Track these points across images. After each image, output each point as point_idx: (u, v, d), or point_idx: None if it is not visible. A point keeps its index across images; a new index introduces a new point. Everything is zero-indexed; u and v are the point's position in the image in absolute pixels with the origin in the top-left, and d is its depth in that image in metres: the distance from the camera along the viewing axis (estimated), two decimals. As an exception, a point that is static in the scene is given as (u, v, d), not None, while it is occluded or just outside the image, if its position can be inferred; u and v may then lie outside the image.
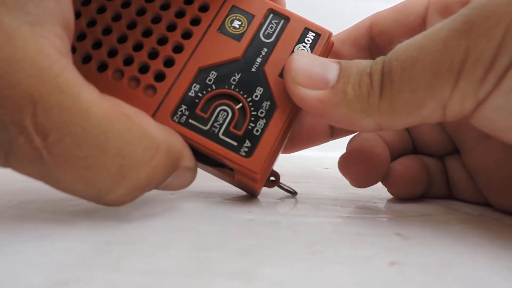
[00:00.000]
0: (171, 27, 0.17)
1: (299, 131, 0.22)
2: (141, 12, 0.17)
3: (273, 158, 0.16)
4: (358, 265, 0.11)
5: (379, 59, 0.15)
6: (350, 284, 0.10)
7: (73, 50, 0.16)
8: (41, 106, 0.11)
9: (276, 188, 0.19)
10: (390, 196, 0.22)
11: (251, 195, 0.19)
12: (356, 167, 0.21)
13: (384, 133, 0.21)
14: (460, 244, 0.13)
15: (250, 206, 0.17)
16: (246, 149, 0.15)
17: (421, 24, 0.20)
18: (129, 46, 0.16)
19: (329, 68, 0.15)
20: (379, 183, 0.22)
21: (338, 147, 0.22)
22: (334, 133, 0.23)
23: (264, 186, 0.18)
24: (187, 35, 0.17)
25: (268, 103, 0.16)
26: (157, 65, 0.16)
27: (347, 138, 0.22)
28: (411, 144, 0.22)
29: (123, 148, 0.12)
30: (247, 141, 0.16)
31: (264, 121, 0.16)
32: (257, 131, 0.16)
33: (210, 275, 0.10)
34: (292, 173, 0.29)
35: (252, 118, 0.16)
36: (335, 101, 0.15)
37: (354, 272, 0.11)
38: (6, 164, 0.12)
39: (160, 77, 0.16)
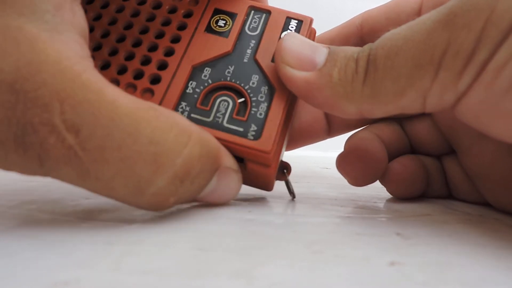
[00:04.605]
0: (160, 35, 0.18)
1: (297, 128, 0.22)
2: (128, 26, 0.18)
3: (281, 139, 0.17)
4: (358, 265, 0.11)
5: (367, 46, 0.15)
6: (350, 284, 0.10)
7: None
8: (68, 103, 0.12)
9: (276, 188, 0.19)
10: (390, 196, 0.22)
11: (264, 190, 0.19)
12: (353, 165, 0.21)
13: (381, 133, 0.21)
14: (460, 244, 0.13)
15: (250, 206, 0.17)
16: (253, 132, 0.16)
17: None
18: (121, 58, 0.17)
19: (319, 51, 0.16)
20: (379, 183, 0.22)
21: (338, 147, 0.22)
22: (331, 130, 0.23)
23: (276, 179, 0.18)
24: (176, 40, 0.18)
25: (266, 87, 0.17)
26: (151, 70, 0.17)
27: (347, 137, 0.22)
28: (408, 144, 0.22)
29: (154, 135, 0.13)
30: (253, 125, 0.16)
31: (266, 104, 0.16)
32: (260, 114, 0.16)
33: (210, 275, 0.10)
34: (292, 173, 0.29)
35: (253, 104, 0.16)
36: (320, 84, 0.15)
37: (354, 272, 0.11)
38: (42, 169, 0.12)
39: (155, 80, 0.17)
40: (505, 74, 0.12)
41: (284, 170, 0.19)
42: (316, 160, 0.38)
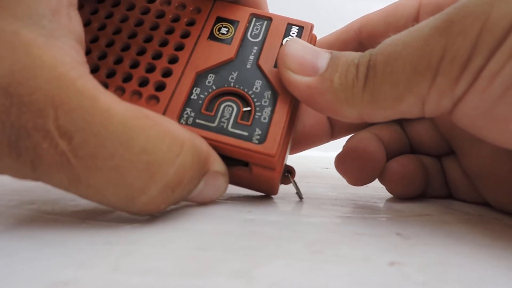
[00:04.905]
0: (164, 43, 0.18)
1: (301, 132, 0.22)
2: (133, 36, 0.18)
3: (285, 142, 0.17)
4: (358, 265, 0.11)
5: (367, 52, 0.15)
6: (350, 284, 0.10)
7: None
8: (62, 109, 0.12)
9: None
10: (389, 195, 0.22)
11: (269, 194, 0.19)
12: (351, 165, 0.21)
13: (380, 133, 0.22)
14: (460, 244, 0.13)
15: (250, 206, 0.17)
16: (258, 136, 0.16)
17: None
18: (126, 66, 0.17)
19: (321, 56, 0.16)
20: (379, 183, 0.22)
21: (338, 147, 0.22)
22: (334, 133, 0.23)
23: (281, 183, 0.18)
24: (179, 47, 0.18)
25: (269, 92, 0.17)
26: (155, 77, 0.17)
27: (347, 138, 0.22)
28: (408, 145, 0.22)
29: (147, 144, 0.12)
30: (257, 129, 0.16)
31: (270, 108, 0.17)
32: (264, 118, 0.16)
33: (210, 275, 0.10)
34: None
35: (257, 108, 0.17)
36: (322, 89, 0.15)
37: (354, 272, 0.11)
38: (35, 174, 0.12)
39: (160, 87, 0.17)
40: (499, 80, 0.12)
41: (288, 173, 0.19)
42: (316, 160, 0.38)
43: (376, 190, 0.23)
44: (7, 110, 0.11)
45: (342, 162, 0.21)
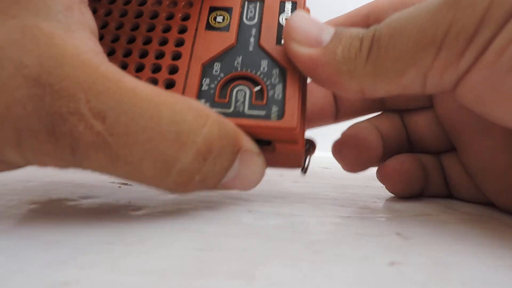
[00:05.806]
0: (164, 42, 0.18)
1: (307, 110, 0.22)
2: (131, 40, 0.18)
3: (303, 115, 0.17)
4: (358, 265, 0.11)
5: (372, 27, 0.15)
6: (350, 284, 0.10)
7: None
8: (91, 93, 0.12)
9: (275, 188, 0.19)
10: (389, 195, 0.22)
11: (295, 168, 0.19)
12: (347, 150, 0.22)
13: (380, 124, 0.22)
14: (460, 244, 0.13)
15: (250, 206, 0.17)
16: (276, 113, 0.16)
17: None
18: (132, 70, 0.17)
19: (325, 30, 0.16)
20: (379, 183, 0.22)
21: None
22: (339, 115, 0.23)
23: (305, 155, 0.18)
24: (180, 43, 0.18)
25: (277, 69, 0.17)
26: (163, 76, 0.17)
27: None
28: (406, 140, 0.22)
29: (174, 116, 0.13)
30: (274, 107, 0.16)
31: (281, 84, 0.17)
32: (278, 95, 0.17)
33: (210, 275, 0.10)
34: (292, 173, 0.29)
35: (269, 87, 0.17)
36: (324, 60, 0.15)
37: (354, 272, 0.11)
38: (75, 157, 0.13)
39: (170, 85, 0.17)
40: (508, 53, 0.12)
41: (309, 145, 0.19)
42: (316, 160, 0.38)
43: (376, 190, 0.23)
44: (41, 100, 0.12)
45: (339, 148, 0.22)
